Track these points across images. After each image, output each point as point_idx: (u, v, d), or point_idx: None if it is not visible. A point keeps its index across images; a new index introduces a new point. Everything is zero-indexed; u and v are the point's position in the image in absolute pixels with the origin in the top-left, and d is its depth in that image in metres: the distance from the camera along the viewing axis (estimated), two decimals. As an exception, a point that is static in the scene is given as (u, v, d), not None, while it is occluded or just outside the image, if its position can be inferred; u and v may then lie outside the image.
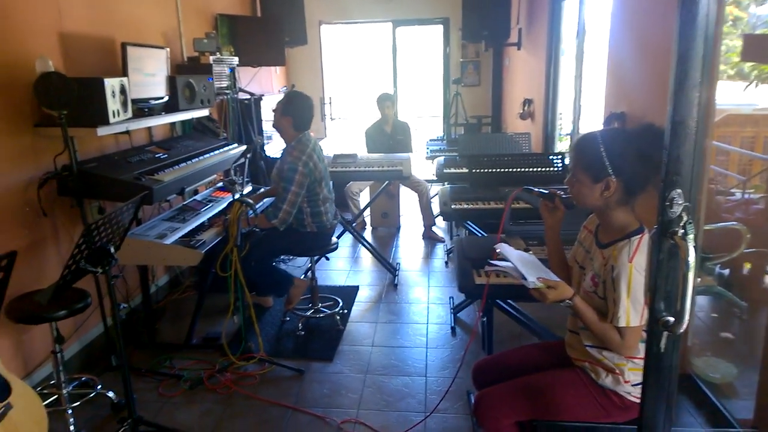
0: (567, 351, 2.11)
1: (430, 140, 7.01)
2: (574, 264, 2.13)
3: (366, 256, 5.53)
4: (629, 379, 1.91)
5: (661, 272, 1.27)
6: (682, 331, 1.22)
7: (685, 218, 1.18)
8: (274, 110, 3.76)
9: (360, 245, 5.70)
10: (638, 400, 1.90)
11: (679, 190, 1.20)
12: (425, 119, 9.31)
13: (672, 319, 1.27)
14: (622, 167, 1.83)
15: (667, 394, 1.39)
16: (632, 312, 1.79)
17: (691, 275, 1.16)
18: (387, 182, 5.62)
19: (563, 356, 2.13)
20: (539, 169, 4.02)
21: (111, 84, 3.04)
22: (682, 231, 1.19)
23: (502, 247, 2.07)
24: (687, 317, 1.20)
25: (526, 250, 2.21)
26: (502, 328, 3.64)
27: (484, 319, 2.74)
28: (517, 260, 1.98)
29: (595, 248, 2.00)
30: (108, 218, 2.38)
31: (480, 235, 4.25)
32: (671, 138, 1.21)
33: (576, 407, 1.94)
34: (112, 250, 2.41)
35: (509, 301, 3.34)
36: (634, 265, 1.79)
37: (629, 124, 3.47)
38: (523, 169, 4.00)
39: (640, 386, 1.88)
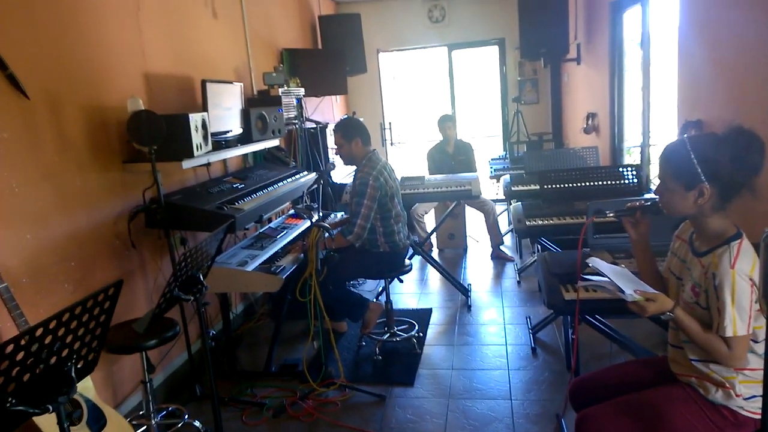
0: (671, 366, 2.03)
1: (492, 159, 6.98)
2: (670, 275, 2.07)
3: (434, 278, 5.50)
4: (741, 393, 1.82)
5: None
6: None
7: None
8: (338, 144, 3.86)
9: (428, 267, 5.69)
10: (752, 415, 1.82)
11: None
12: (479, 139, 9.28)
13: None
14: (715, 173, 1.77)
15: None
16: (738, 320, 1.71)
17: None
18: (455, 203, 5.61)
19: (666, 372, 2.04)
20: (611, 182, 3.94)
21: (195, 119, 3.16)
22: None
23: (594, 261, 2.02)
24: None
25: (614, 264, 2.15)
26: (586, 349, 3.55)
27: (574, 336, 2.67)
28: (611, 273, 1.93)
29: (691, 257, 1.93)
30: (198, 248, 2.44)
31: (556, 250, 4.18)
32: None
33: (686, 425, 1.85)
34: (202, 278, 2.48)
35: (597, 317, 3.25)
36: (737, 272, 1.72)
37: (707, 131, 3.38)
38: (594, 183, 3.94)
39: (753, 399, 1.81)
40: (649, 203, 2.09)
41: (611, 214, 2.20)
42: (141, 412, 3.06)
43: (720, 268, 1.75)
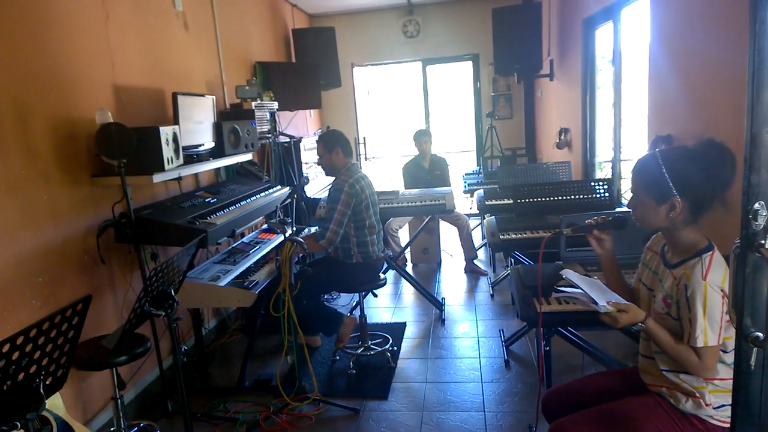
0: (642, 377, 2.05)
1: (466, 174, 7.03)
2: (641, 286, 2.09)
3: (408, 292, 5.50)
4: (710, 402, 1.84)
5: (747, 287, 1.24)
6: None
7: (771, 229, 1.16)
8: (319, 154, 3.88)
9: (402, 281, 5.70)
10: (721, 424, 1.84)
11: (761, 202, 1.18)
12: (453, 153, 9.34)
13: (761, 334, 1.23)
14: (686, 186, 1.80)
15: (759, 413, 1.34)
16: (709, 331, 1.74)
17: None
18: (429, 217, 5.63)
19: (638, 382, 2.07)
20: (583, 196, 3.99)
21: (165, 132, 3.13)
22: (769, 243, 1.16)
23: (567, 273, 2.05)
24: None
25: (585, 275, 2.18)
26: (559, 360, 3.57)
27: (547, 348, 2.68)
28: (584, 285, 1.95)
29: (663, 268, 1.96)
30: (169, 262, 2.41)
31: (529, 263, 4.21)
32: (750, 149, 1.19)
33: (657, 435, 1.87)
34: (173, 293, 2.44)
35: (569, 329, 3.28)
36: (709, 283, 1.75)
37: (678, 145, 3.44)
38: (567, 197, 3.98)
39: (722, 408, 1.83)
40: (609, 220, 2.12)
41: (566, 231, 2.24)
42: (112, 429, 3.00)
43: (692, 280, 1.78)
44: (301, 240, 3.33)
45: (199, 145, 3.80)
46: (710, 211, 1.84)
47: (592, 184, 4.06)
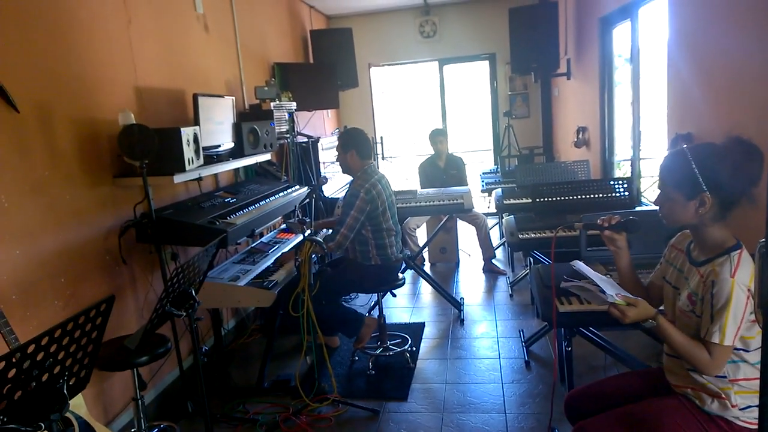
0: (666, 377, 2.02)
1: (483, 173, 7.00)
2: (665, 285, 2.07)
3: (426, 292, 5.49)
4: (737, 403, 1.81)
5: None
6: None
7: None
8: (338, 152, 3.86)
9: (420, 281, 5.68)
10: (748, 425, 1.81)
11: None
12: (470, 153, 9.32)
13: (790, 333, 1.21)
14: (716, 182, 1.78)
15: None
16: (729, 329, 1.72)
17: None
18: (447, 217, 5.62)
19: (662, 384, 2.04)
20: (602, 195, 3.96)
21: (186, 133, 3.16)
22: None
23: (578, 265, 2.03)
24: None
25: (605, 275, 2.16)
26: (581, 362, 3.54)
27: (569, 348, 2.66)
28: (595, 277, 1.94)
29: (689, 267, 1.93)
30: (190, 262, 2.42)
31: (548, 263, 4.18)
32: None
33: (683, 437, 1.85)
34: (194, 293, 2.45)
35: (591, 329, 3.25)
36: (737, 281, 1.72)
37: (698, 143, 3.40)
38: (586, 196, 3.95)
39: (749, 410, 1.80)
40: (621, 221, 2.09)
41: (577, 226, 2.21)
42: (133, 430, 3.01)
43: (720, 277, 1.75)
44: (320, 240, 3.33)
45: (219, 146, 3.82)
46: (738, 208, 1.82)
47: (612, 182, 4.03)
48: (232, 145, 4.00)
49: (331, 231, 3.80)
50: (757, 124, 2.75)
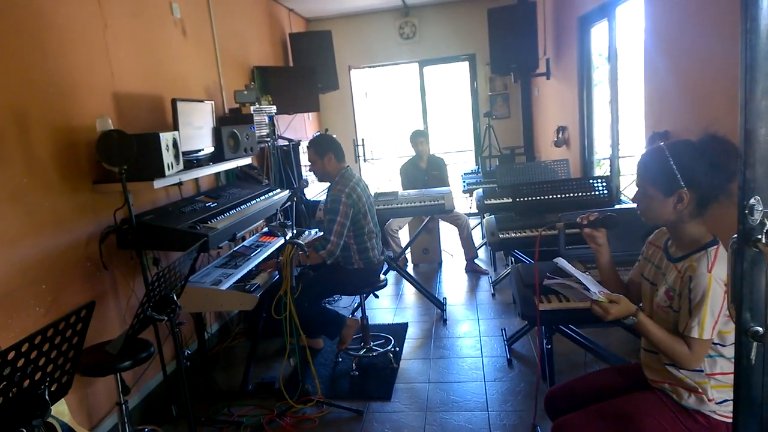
0: (644, 372, 2.06)
1: (465, 173, 7.05)
2: (643, 281, 2.10)
3: (409, 293, 5.51)
4: (713, 397, 1.85)
5: (745, 282, 1.25)
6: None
7: (767, 224, 1.16)
8: (311, 160, 3.86)
9: (403, 282, 5.71)
10: (724, 419, 1.85)
11: (757, 197, 1.19)
12: (452, 154, 9.37)
13: (761, 329, 1.24)
14: (694, 178, 1.81)
15: (761, 408, 1.35)
16: (707, 323, 1.75)
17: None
18: (429, 217, 5.65)
19: (640, 379, 2.08)
20: (582, 193, 4.01)
21: (165, 138, 3.15)
22: (766, 238, 1.17)
23: (561, 262, 2.06)
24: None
25: (585, 273, 2.19)
26: (561, 359, 3.58)
27: (548, 346, 2.70)
28: (577, 274, 1.97)
29: (667, 263, 1.97)
30: (171, 267, 2.43)
31: (529, 262, 4.23)
32: (745, 145, 1.20)
33: (660, 431, 1.88)
34: (175, 298, 2.46)
35: (571, 326, 3.29)
36: (714, 276, 1.75)
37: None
38: (566, 195, 3.99)
39: (725, 403, 1.84)
40: (600, 218, 2.13)
41: (558, 226, 2.25)
42: (117, 435, 3.02)
43: (697, 272, 1.78)
44: (301, 243, 3.34)
45: (199, 150, 3.82)
46: (716, 203, 1.84)
47: (591, 181, 4.07)
48: (212, 149, 4.00)
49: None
50: (732, 121, 2.80)
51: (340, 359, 4.05)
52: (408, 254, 6.41)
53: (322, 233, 3.86)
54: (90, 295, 3.13)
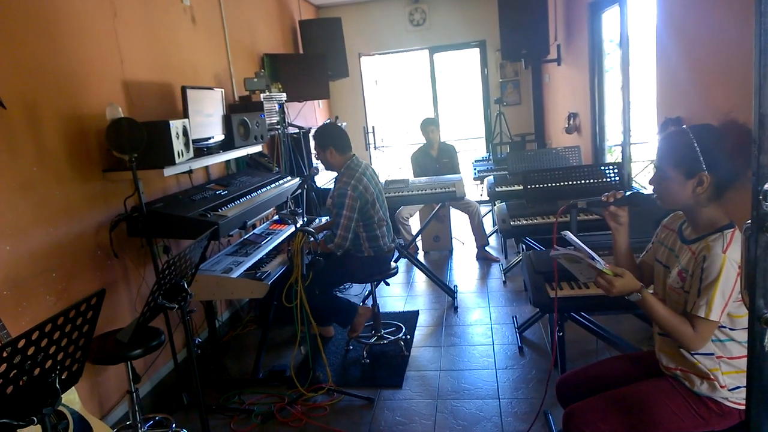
0: (658, 357, 2.03)
1: (476, 161, 7.01)
2: (656, 263, 2.08)
3: (420, 281, 5.51)
4: (726, 384, 1.83)
5: (758, 268, 1.23)
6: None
7: (781, 211, 1.14)
8: (315, 151, 3.85)
9: (414, 270, 5.70)
10: (737, 406, 1.83)
11: (771, 183, 1.16)
12: (462, 141, 9.32)
13: (774, 315, 1.22)
14: (715, 162, 1.78)
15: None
16: (716, 304, 1.72)
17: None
18: (439, 205, 5.63)
19: (652, 367, 2.06)
20: (593, 180, 3.97)
21: (175, 126, 3.15)
22: (780, 224, 1.15)
23: (568, 235, 2.04)
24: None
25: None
26: (572, 346, 3.57)
27: (560, 333, 2.68)
28: (584, 246, 1.94)
29: (680, 245, 1.94)
30: (181, 255, 2.43)
31: (540, 249, 4.20)
32: (759, 131, 1.17)
33: (673, 418, 1.87)
34: (186, 286, 2.46)
35: (583, 314, 3.27)
36: (728, 257, 1.73)
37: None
38: (577, 182, 3.96)
39: (737, 390, 1.82)
40: (627, 195, 2.10)
41: (580, 204, 2.22)
42: (128, 423, 3.02)
43: (712, 252, 1.76)
44: (312, 230, 3.33)
45: (209, 138, 3.81)
46: (732, 189, 1.82)
47: (603, 168, 4.03)
48: (222, 137, 4.00)
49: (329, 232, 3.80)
50: (744, 107, 2.76)
51: (351, 347, 4.05)
52: (419, 242, 6.40)
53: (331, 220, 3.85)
54: (101, 283, 3.15)
